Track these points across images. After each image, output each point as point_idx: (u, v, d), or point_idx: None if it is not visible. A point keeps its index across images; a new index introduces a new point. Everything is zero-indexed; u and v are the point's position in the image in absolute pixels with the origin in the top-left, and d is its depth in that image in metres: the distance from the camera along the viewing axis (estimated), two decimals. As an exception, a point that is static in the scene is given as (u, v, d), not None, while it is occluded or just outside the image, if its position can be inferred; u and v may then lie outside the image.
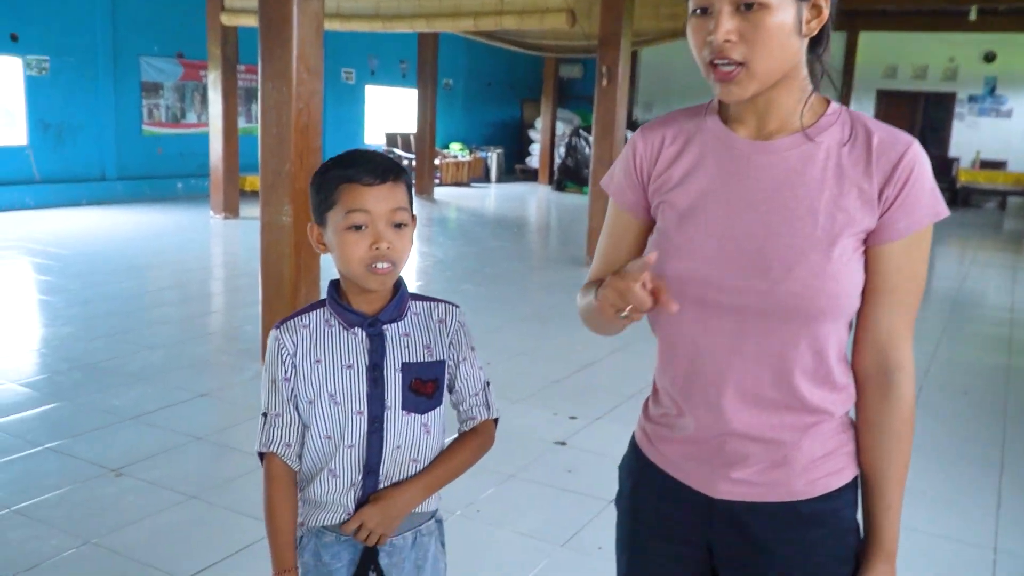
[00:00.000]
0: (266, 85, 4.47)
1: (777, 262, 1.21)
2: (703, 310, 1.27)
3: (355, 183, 1.41)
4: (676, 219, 1.30)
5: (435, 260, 8.86)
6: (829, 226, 1.21)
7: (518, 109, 19.72)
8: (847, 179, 1.22)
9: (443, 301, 1.57)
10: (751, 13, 1.16)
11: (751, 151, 1.27)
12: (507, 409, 4.37)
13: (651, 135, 1.37)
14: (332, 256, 1.46)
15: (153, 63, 11.88)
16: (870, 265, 1.24)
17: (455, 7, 8.25)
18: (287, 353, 1.49)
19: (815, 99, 1.28)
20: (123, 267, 7.55)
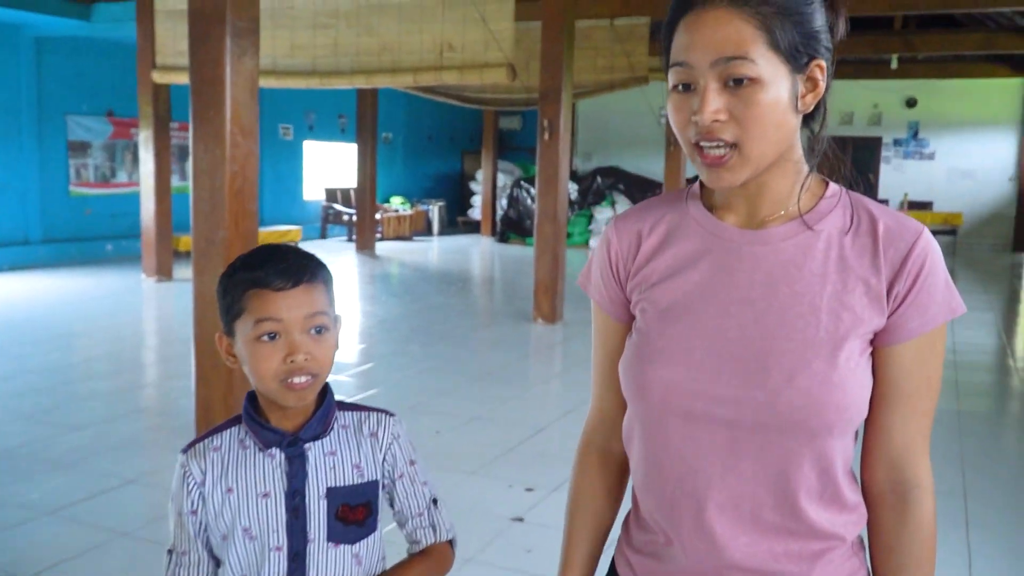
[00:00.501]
0: (198, 147, 4.25)
1: (776, 369, 1.06)
2: (692, 423, 1.10)
3: (264, 288, 1.23)
4: (659, 319, 1.14)
5: (378, 320, 8.62)
6: (833, 327, 1.06)
7: (459, 161, 19.70)
8: (852, 273, 1.08)
9: (375, 410, 1.37)
10: (742, 89, 1.02)
11: (742, 241, 1.12)
12: (461, 483, 4.16)
13: (626, 228, 1.21)
14: (244, 370, 1.27)
15: (81, 121, 11.52)
16: (879, 369, 1.09)
17: (394, 63, 8.13)
18: (194, 482, 1.28)
19: (813, 181, 1.14)
20: (47, 337, 7.16)
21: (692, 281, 1.13)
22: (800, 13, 1.04)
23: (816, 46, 1.06)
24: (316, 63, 8.47)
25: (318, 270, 1.29)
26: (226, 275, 1.28)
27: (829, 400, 1.04)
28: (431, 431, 4.94)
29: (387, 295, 10.31)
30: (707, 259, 1.13)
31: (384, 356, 6.99)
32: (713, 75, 1.02)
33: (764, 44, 1.01)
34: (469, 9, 7.73)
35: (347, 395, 5.66)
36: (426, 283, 11.19)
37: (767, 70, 1.02)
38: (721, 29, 1.02)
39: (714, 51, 1.02)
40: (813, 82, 1.07)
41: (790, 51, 1.03)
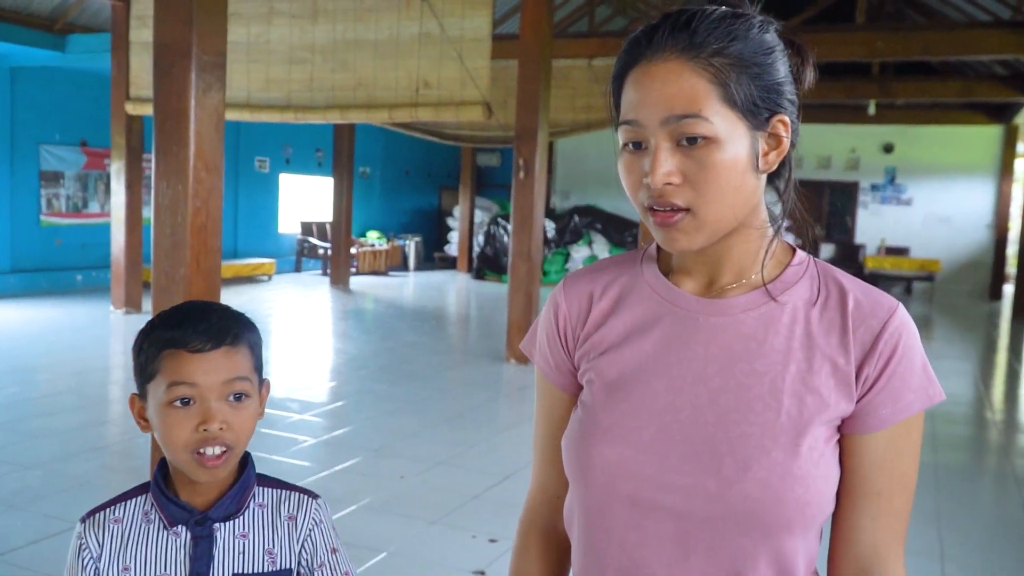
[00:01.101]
0: (160, 183, 4.17)
1: (730, 456, 0.95)
2: (637, 511, 0.99)
3: (180, 348, 1.13)
4: (605, 393, 1.03)
5: (348, 357, 8.49)
6: (796, 411, 0.95)
7: (436, 197, 19.69)
8: (818, 351, 0.98)
9: (299, 490, 1.25)
10: (695, 149, 0.93)
11: (699, 310, 1.02)
12: (422, 533, 4.04)
13: (576, 289, 1.11)
14: (155, 437, 1.17)
15: (54, 151, 11.39)
16: (846, 459, 0.99)
17: (369, 99, 8.10)
18: (89, 556, 1.17)
19: (779, 245, 1.04)
20: (8, 369, 6.98)
21: (643, 352, 1.03)
22: (758, 64, 0.95)
23: (778, 100, 0.97)
24: (291, 97, 8.43)
25: (243, 332, 1.20)
26: (143, 332, 1.19)
27: (789, 494, 0.93)
28: (395, 476, 4.82)
29: (359, 331, 10.19)
30: (660, 328, 1.03)
31: (353, 395, 6.87)
32: (664, 134, 0.94)
33: (718, 99, 0.93)
34: (445, 47, 7.73)
35: (315, 436, 5.54)
36: (399, 320, 11.08)
37: (722, 128, 0.93)
38: (672, 83, 0.93)
39: (664, 108, 0.93)
40: (776, 139, 0.98)
41: (747, 107, 0.94)
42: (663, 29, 0.95)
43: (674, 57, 0.93)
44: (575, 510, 1.07)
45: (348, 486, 4.63)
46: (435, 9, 7.84)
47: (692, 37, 0.93)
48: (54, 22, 10.10)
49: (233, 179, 14.10)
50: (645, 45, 0.96)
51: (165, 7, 4.06)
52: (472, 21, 7.76)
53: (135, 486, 1.23)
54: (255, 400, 1.20)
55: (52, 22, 10.09)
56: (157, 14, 4.10)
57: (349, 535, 3.95)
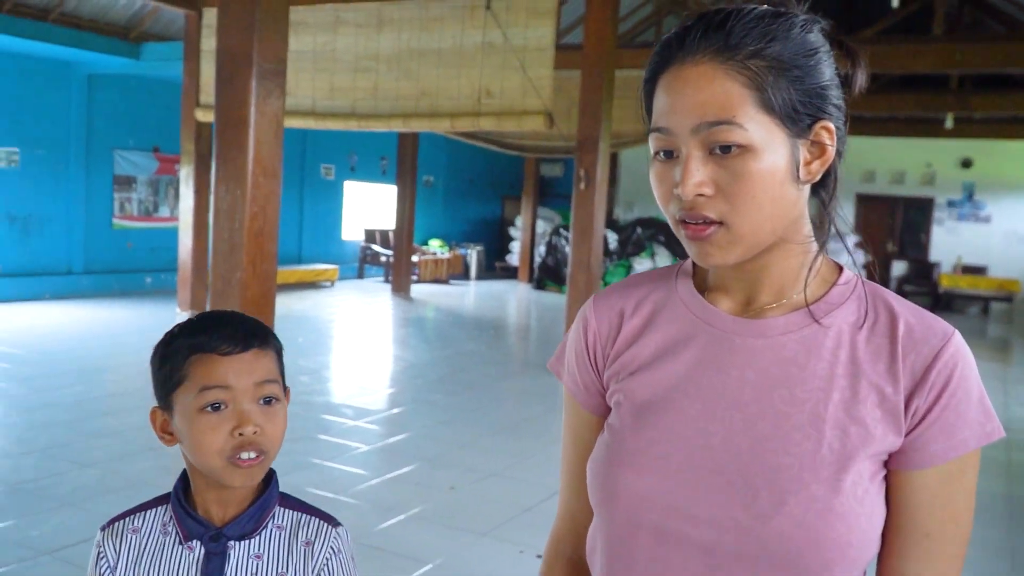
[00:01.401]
0: (219, 188, 4.21)
1: (765, 489, 0.88)
2: (662, 544, 0.93)
3: (210, 352, 1.10)
4: (633, 416, 0.97)
5: (406, 365, 8.51)
6: (839, 444, 0.88)
7: (499, 206, 19.72)
8: (864, 378, 0.90)
9: (320, 515, 1.20)
10: (729, 158, 0.86)
11: (735, 331, 0.95)
12: (470, 545, 3.98)
13: (606, 306, 1.04)
14: (183, 448, 1.13)
15: (128, 156, 11.72)
16: (893, 497, 0.90)
17: (432, 108, 8.14)
18: (106, 565, 1.15)
19: (825, 262, 0.96)
20: (76, 370, 7.16)
21: (675, 373, 0.96)
22: (799, 67, 0.87)
23: (821, 105, 0.89)
24: (355, 105, 8.51)
25: (268, 336, 1.17)
26: (163, 343, 1.16)
27: (828, 532, 0.86)
28: (446, 486, 4.78)
29: (418, 339, 10.22)
30: (693, 349, 0.96)
31: (409, 403, 6.87)
32: (696, 142, 0.87)
33: (754, 105, 0.86)
34: (508, 56, 7.71)
35: (369, 443, 5.54)
36: (458, 328, 11.08)
37: (758, 135, 0.86)
38: (704, 88, 0.87)
39: (696, 115, 0.87)
40: (819, 147, 0.90)
41: (786, 112, 0.87)
42: (696, 30, 0.88)
43: (707, 60, 0.87)
44: (598, 539, 1.01)
45: (399, 495, 4.61)
46: (499, 18, 7.84)
47: (727, 38, 0.87)
48: (130, 31, 10.40)
49: (299, 186, 14.33)
50: (677, 47, 0.90)
51: (228, 15, 4.11)
52: (536, 31, 7.73)
53: (156, 496, 1.20)
54: (283, 406, 1.16)
55: (128, 31, 10.39)
56: (220, 22, 4.16)
57: (397, 545, 3.92)
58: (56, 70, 10.70)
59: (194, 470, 1.15)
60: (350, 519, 4.17)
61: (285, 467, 4.81)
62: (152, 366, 1.16)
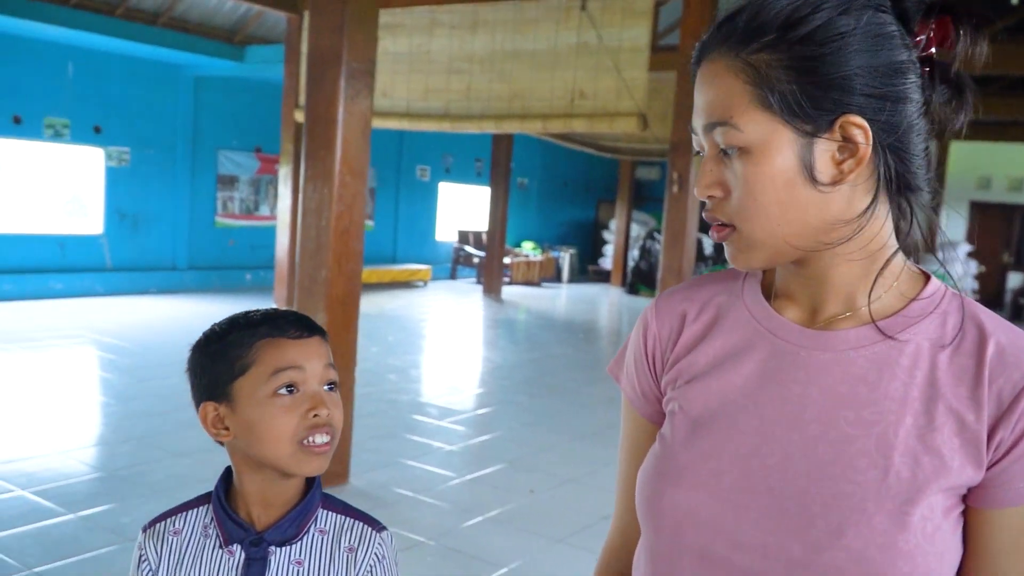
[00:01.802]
0: (307, 186, 4.27)
1: (822, 518, 0.80)
2: (707, 568, 0.86)
3: (280, 336, 1.09)
4: (687, 428, 0.90)
5: (493, 366, 8.51)
6: (909, 473, 0.79)
7: (593, 210, 19.59)
8: (943, 403, 0.80)
9: (364, 519, 1.15)
10: (733, 159, 0.83)
11: (800, 343, 0.87)
12: (546, 550, 3.93)
13: (668, 308, 0.99)
14: (240, 442, 1.10)
15: (231, 156, 12.11)
16: (970, 537, 0.81)
17: (524, 109, 8.11)
18: (148, 568, 1.13)
19: (907, 273, 0.87)
20: (176, 361, 7.38)
21: (733, 385, 0.89)
22: (815, 57, 0.79)
23: (844, 97, 0.80)
24: (449, 107, 8.56)
25: (323, 329, 1.17)
26: (213, 340, 1.13)
27: (889, 570, 0.77)
28: (525, 489, 4.73)
29: (507, 341, 10.22)
30: (754, 359, 0.89)
31: (492, 403, 6.86)
32: (710, 141, 0.85)
33: (753, 103, 0.81)
34: (603, 57, 7.62)
35: (452, 443, 5.55)
36: (548, 331, 11.04)
37: (757, 135, 0.81)
38: (710, 87, 0.84)
39: (704, 114, 0.85)
40: (852, 144, 0.81)
41: (788, 109, 0.80)
42: (715, 24, 0.86)
43: (718, 56, 0.84)
44: (642, 557, 0.94)
45: (478, 496, 4.58)
46: (594, 19, 7.76)
47: (737, 31, 0.82)
48: (235, 34, 10.74)
49: (394, 186, 14.54)
50: (701, 45, 0.87)
51: (319, 16, 4.16)
52: (631, 31, 7.62)
53: (197, 496, 1.18)
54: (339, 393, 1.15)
55: (233, 34, 10.73)
56: (312, 23, 4.22)
57: (473, 547, 3.89)
58: (165, 72, 11.14)
59: (245, 468, 1.12)
60: (430, 519, 4.17)
61: (371, 465, 4.88)
62: (199, 364, 1.13)
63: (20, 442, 4.95)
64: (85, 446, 5.00)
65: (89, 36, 9.49)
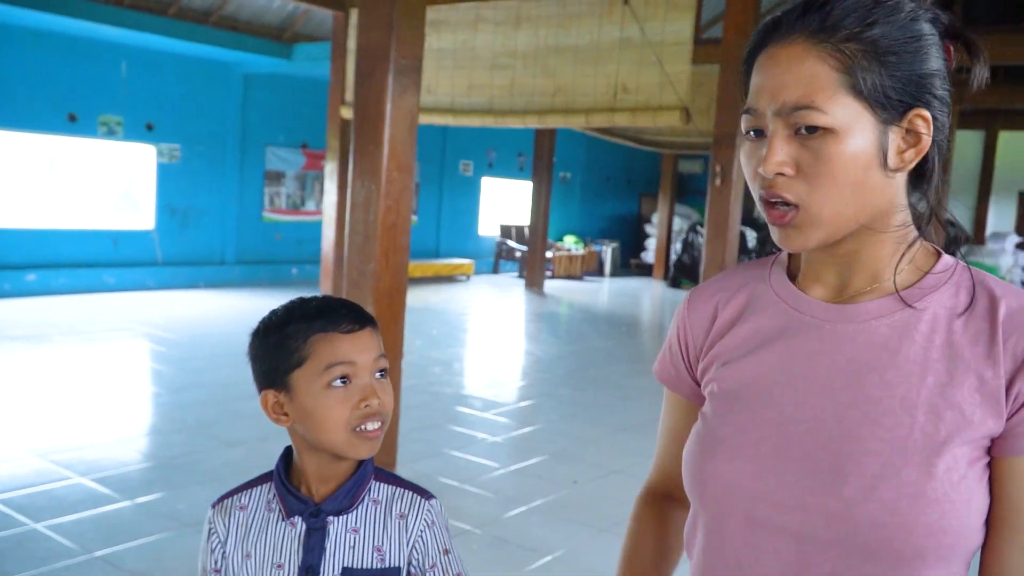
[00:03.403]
0: (356, 181, 4.36)
1: (856, 474, 0.87)
2: (753, 530, 0.93)
3: (333, 331, 1.16)
4: (724, 405, 0.99)
5: (536, 359, 8.56)
6: (933, 427, 0.86)
7: (636, 203, 19.55)
8: (961, 362, 0.88)
9: (413, 488, 1.23)
10: (811, 139, 0.87)
11: (826, 318, 0.95)
12: (590, 540, 3.98)
13: (701, 300, 1.07)
14: (298, 427, 1.18)
15: (278, 152, 12.30)
16: (996, 485, 0.88)
17: (567, 104, 8.14)
18: (217, 540, 1.22)
19: (921, 250, 0.95)
20: (225, 353, 7.58)
21: (767, 363, 0.97)
22: (896, 53, 0.87)
23: (918, 92, 0.88)
24: (492, 102, 8.62)
25: (373, 318, 1.24)
26: (272, 329, 1.20)
27: (920, 518, 0.84)
28: (569, 480, 4.79)
29: (549, 334, 10.27)
30: (785, 338, 0.97)
31: (535, 396, 6.91)
32: (781, 122, 0.89)
33: (842, 88, 0.86)
34: (646, 51, 7.62)
35: (495, 435, 5.62)
36: (590, 325, 11.06)
37: (842, 118, 0.86)
38: (792, 69, 0.88)
39: (782, 95, 0.88)
40: (915, 135, 0.89)
41: (876, 97, 0.87)
42: (796, 11, 0.90)
43: (801, 40, 0.88)
44: (697, 526, 1.02)
45: (523, 486, 4.65)
46: (637, 13, 7.76)
47: (824, 20, 0.88)
48: (283, 32, 10.91)
49: (438, 181, 14.65)
50: (774, 27, 0.91)
51: (368, 14, 4.24)
52: (674, 25, 7.61)
53: (260, 475, 1.26)
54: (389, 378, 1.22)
55: (281, 32, 10.90)
56: (361, 20, 4.30)
57: (517, 536, 3.96)
58: (215, 70, 11.36)
59: (304, 449, 1.20)
60: (475, 509, 4.24)
61: (417, 454, 4.97)
62: (259, 352, 1.21)
63: (77, 431, 5.12)
64: (140, 435, 5.16)
65: (142, 35, 9.72)
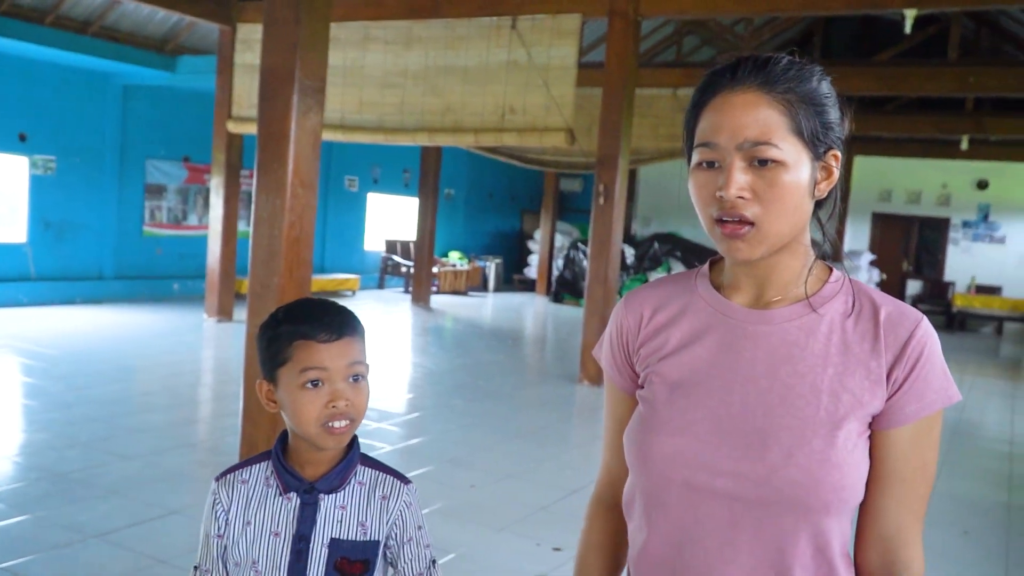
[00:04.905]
0: (260, 197, 4.48)
1: (776, 446, 1.10)
2: (692, 494, 1.15)
3: (311, 340, 1.35)
4: (667, 392, 1.19)
5: (426, 372, 8.75)
6: (833, 407, 1.11)
7: (518, 220, 19.98)
8: (853, 356, 1.13)
9: (393, 474, 1.45)
10: (766, 170, 1.08)
11: (747, 320, 1.18)
12: (488, 539, 4.21)
13: (635, 304, 1.28)
14: (284, 415, 1.38)
15: (159, 166, 12.06)
16: (875, 451, 1.13)
17: (456, 123, 8.40)
18: (221, 509, 1.40)
19: (818, 266, 1.19)
20: (110, 369, 7.44)
21: (700, 357, 1.18)
22: (820, 104, 1.11)
23: (832, 137, 1.13)
24: (383, 120, 8.79)
25: (356, 324, 1.41)
26: (269, 326, 1.39)
27: (827, 479, 1.08)
28: (466, 485, 5.01)
29: (438, 348, 10.46)
30: (714, 336, 1.19)
31: (429, 408, 7.10)
32: (740, 155, 1.09)
33: (788, 130, 1.09)
34: (532, 74, 7.97)
35: (392, 444, 5.78)
36: (477, 339, 11.32)
37: (790, 154, 1.08)
38: (749, 113, 1.09)
39: (741, 134, 1.08)
40: (828, 171, 1.14)
41: (811, 138, 1.10)
42: (745, 66, 1.11)
43: (753, 90, 1.09)
44: (635, 496, 1.22)
45: (422, 491, 4.75)
46: (524, 38, 8.10)
47: (769, 75, 1.10)
48: (166, 44, 10.75)
49: (323, 197, 14.63)
50: (728, 78, 1.11)
51: (273, 36, 4.38)
52: (559, 50, 7.99)
53: (259, 454, 1.46)
54: (367, 380, 1.41)
55: (164, 44, 10.74)
56: (265, 43, 4.43)
57: (420, 537, 4.14)
58: (93, 81, 11.07)
59: (294, 434, 1.39)
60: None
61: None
62: (259, 344, 1.40)
63: (-35, 448, 5.00)
64: (32, 452, 5.07)
65: (17, 44, 9.41)
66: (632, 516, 1.24)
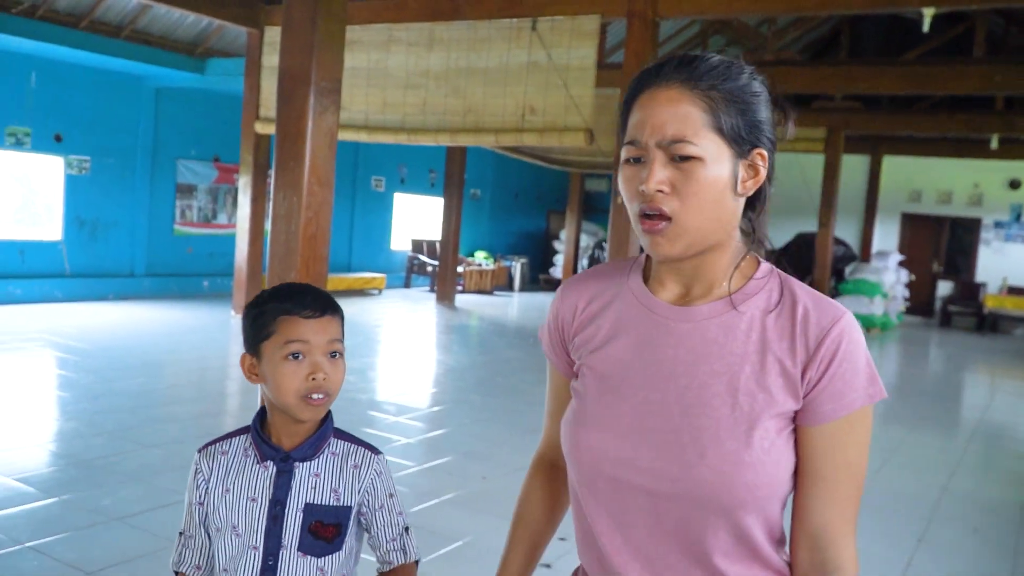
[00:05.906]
0: (278, 195, 4.62)
1: (691, 445, 1.10)
2: (617, 487, 1.16)
3: (295, 315, 1.44)
4: (595, 385, 1.21)
5: (447, 368, 8.87)
6: (748, 407, 1.10)
7: (544, 220, 20.06)
8: (770, 353, 1.11)
9: (364, 445, 1.54)
10: (684, 165, 1.09)
11: (669, 317, 1.17)
12: (498, 527, 4.30)
13: (571, 293, 1.29)
14: (265, 387, 1.48)
15: (190, 166, 12.32)
16: (799, 448, 1.12)
17: (477, 123, 8.52)
18: (202, 478, 1.50)
19: (747, 262, 1.18)
20: (139, 363, 7.65)
21: (625, 350, 1.18)
22: (745, 103, 1.11)
23: (759, 136, 1.12)
24: (405, 120, 8.93)
25: (336, 306, 1.51)
26: (256, 304, 1.49)
27: (740, 479, 1.07)
28: (478, 476, 5.12)
29: (460, 346, 10.59)
30: (638, 331, 1.18)
31: (448, 402, 7.22)
32: (660, 151, 1.09)
33: (708, 126, 1.08)
34: (552, 75, 8.07)
35: (408, 436, 5.91)
36: (499, 337, 11.44)
37: (709, 150, 1.08)
38: (671, 108, 1.09)
39: (662, 131, 1.09)
40: (754, 169, 1.12)
41: (733, 135, 1.10)
42: (671, 64, 1.13)
43: (677, 86, 1.10)
44: (572, 485, 1.26)
45: (435, 482, 4.95)
46: (544, 39, 8.20)
47: (693, 72, 1.10)
48: (196, 47, 10.99)
49: (350, 197, 14.84)
50: (654, 75, 1.13)
51: (290, 39, 4.53)
52: (579, 51, 8.08)
53: (238, 428, 1.56)
54: (344, 360, 1.50)
55: (194, 47, 10.98)
56: (283, 44, 4.57)
57: (430, 524, 4.26)
58: (126, 83, 11.35)
59: (272, 407, 1.49)
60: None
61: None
62: (244, 321, 1.50)
63: (-3, 436, 5.21)
64: (60, 439, 5.26)
65: (53, 47, 9.69)
66: (572, 500, 1.27)
